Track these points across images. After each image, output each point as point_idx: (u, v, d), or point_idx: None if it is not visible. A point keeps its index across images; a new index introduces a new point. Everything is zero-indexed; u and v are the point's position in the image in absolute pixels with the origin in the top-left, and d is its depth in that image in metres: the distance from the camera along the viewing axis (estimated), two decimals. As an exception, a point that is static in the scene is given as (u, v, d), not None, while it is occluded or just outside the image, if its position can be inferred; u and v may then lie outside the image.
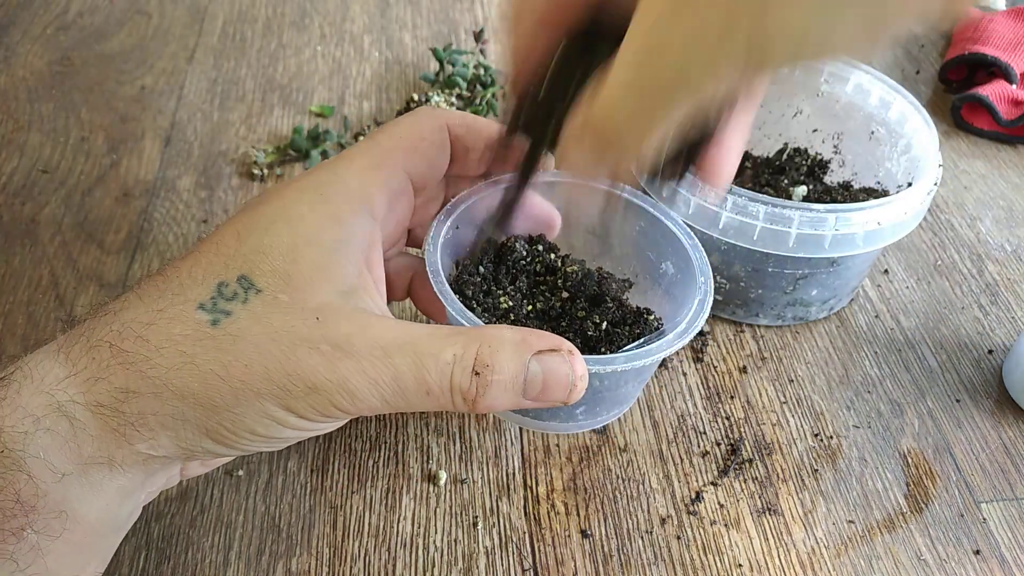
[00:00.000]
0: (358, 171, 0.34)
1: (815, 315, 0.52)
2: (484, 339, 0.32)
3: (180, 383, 0.29)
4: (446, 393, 0.31)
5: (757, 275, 0.49)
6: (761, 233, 0.46)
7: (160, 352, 0.30)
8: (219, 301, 0.30)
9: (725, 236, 0.46)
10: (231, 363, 0.29)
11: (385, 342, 0.30)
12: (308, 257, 0.31)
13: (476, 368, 0.31)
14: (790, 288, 0.50)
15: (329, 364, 0.30)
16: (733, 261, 0.49)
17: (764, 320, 0.52)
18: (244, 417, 0.30)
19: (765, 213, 0.45)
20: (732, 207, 0.45)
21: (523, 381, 0.32)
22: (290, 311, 0.30)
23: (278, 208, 0.33)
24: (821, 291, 0.50)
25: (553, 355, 0.32)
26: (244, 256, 0.31)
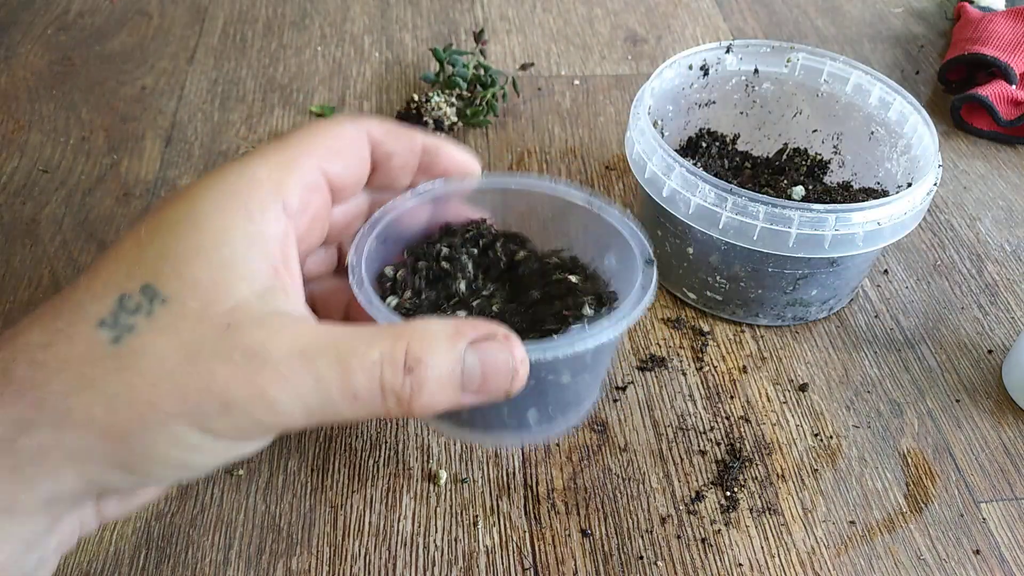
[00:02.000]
0: (269, 166, 0.31)
1: (815, 315, 0.52)
2: (413, 333, 0.29)
3: (81, 410, 0.26)
4: (376, 396, 0.28)
5: (757, 275, 0.49)
6: (761, 233, 0.46)
7: (58, 377, 0.27)
8: (121, 315, 0.27)
9: (725, 236, 0.46)
10: (136, 383, 0.27)
11: (304, 345, 0.28)
12: (216, 257, 0.28)
13: (408, 364, 0.28)
14: (790, 288, 0.50)
15: (244, 376, 0.27)
16: (733, 261, 0.49)
17: (764, 320, 0.52)
18: (156, 443, 0.27)
19: (765, 213, 0.45)
20: (732, 207, 0.45)
21: (460, 373, 0.29)
22: (200, 320, 0.27)
23: (182, 208, 0.29)
24: (821, 291, 0.50)
25: (489, 342, 0.30)
26: (147, 263, 0.28)
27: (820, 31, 0.78)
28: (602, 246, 0.41)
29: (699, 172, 0.46)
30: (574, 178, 0.61)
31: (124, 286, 0.28)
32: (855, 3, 0.82)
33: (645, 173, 0.49)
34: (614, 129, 0.66)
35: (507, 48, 0.74)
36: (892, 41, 0.77)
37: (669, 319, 0.52)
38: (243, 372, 0.27)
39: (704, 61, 0.56)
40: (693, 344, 0.51)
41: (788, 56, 0.57)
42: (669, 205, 0.48)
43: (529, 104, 0.68)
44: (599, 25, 0.77)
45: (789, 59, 0.57)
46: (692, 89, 0.57)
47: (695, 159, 0.58)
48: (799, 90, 0.58)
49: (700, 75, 0.57)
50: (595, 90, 0.70)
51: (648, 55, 0.74)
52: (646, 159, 0.49)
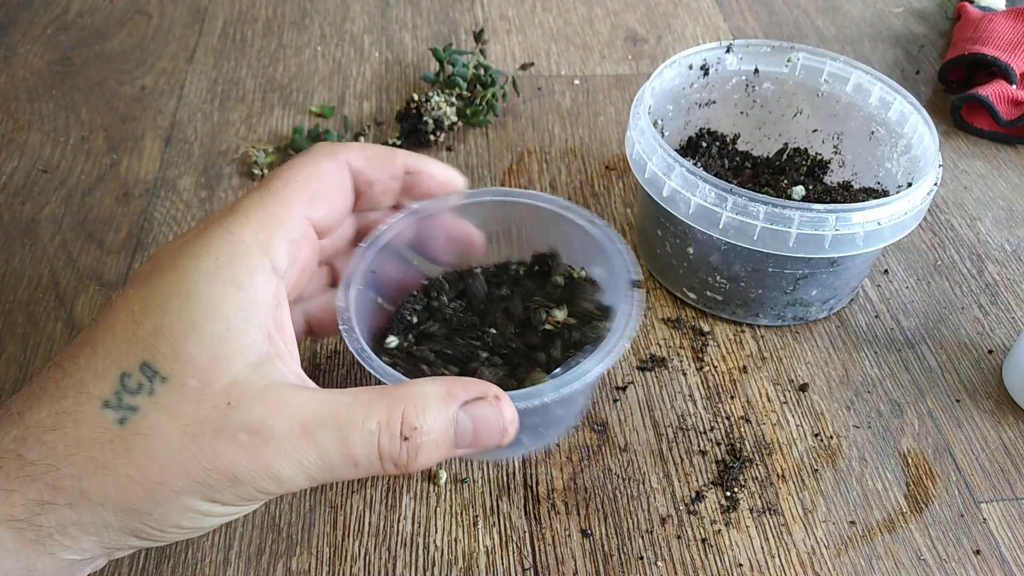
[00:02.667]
0: (254, 227, 0.31)
1: (815, 315, 0.52)
2: (407, 399, 0.30)
3: (95, 491, 0.28)
4: (375, 463, 0.30)
5: (757, 275, 0.49)
6: (761, 233, 0.46)
7: (69, 460, 0.28)
8: (124, 395, 0.28)
9: (725, 236, 0.46)
10: (146, 464, 0.28)
11: (304, 419, 0.29)
12: (211, 333, 0.29)
13: (404, 433, 0.30)
14: (790, 288, 0.50)
15: (248, 453, 0.28)
16: (733, 261, 0.49)
17: (764, 320, 0.52)
18: (168, 515, 0.29)
19: (765, 213, 0.45)
20: (732, 207, 0.45)
21: (454, 434, 0.31)
22: (200, 398, 0.28)
23: (172, 282, 0.30)
24: (821, 291, 0.50)
25: (480, 403, 0.31)
26: (143, 340, 0.29)
27: (820, 31, 0.78)
28: (589, 258, 0.42)
29: (699, 172, 0.46)
30: (574, 178, 0.61)
31: (123, 364, 0.29)
32: (855, 3, 0.82)
33: (645, 173, 0.49)
34: (614, 129, 0.66)
35: (507, 48, 0.74)
36: (892, 41, 0.77)
37: (669, 319, 0.52)
38: (247, 450, 0.28)
39: (704, 61, 0.56)
40: (693, 344, 0.51)
41: (788, 56, 0.56)
42: (669, 205, 0.48)
43: (529, 104, 0.68)
44: (599, 25, 0.77)
45: (789, 59, 0.57)
46: (692, 89, 0.57)
47: (695, 159, 0.58)
48: (799, 90, 0.58)
49: (700, 75, 0.57)
50: (595, 90, 0.70)
51: (648, 55, 0.74)
52: (646, 159, 0.49)
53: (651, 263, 0.55)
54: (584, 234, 0.41)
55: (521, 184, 0.61)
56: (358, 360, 0.35)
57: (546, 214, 0.42)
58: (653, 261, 0.54)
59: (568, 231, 0.42)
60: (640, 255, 0.56)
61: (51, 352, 0.49)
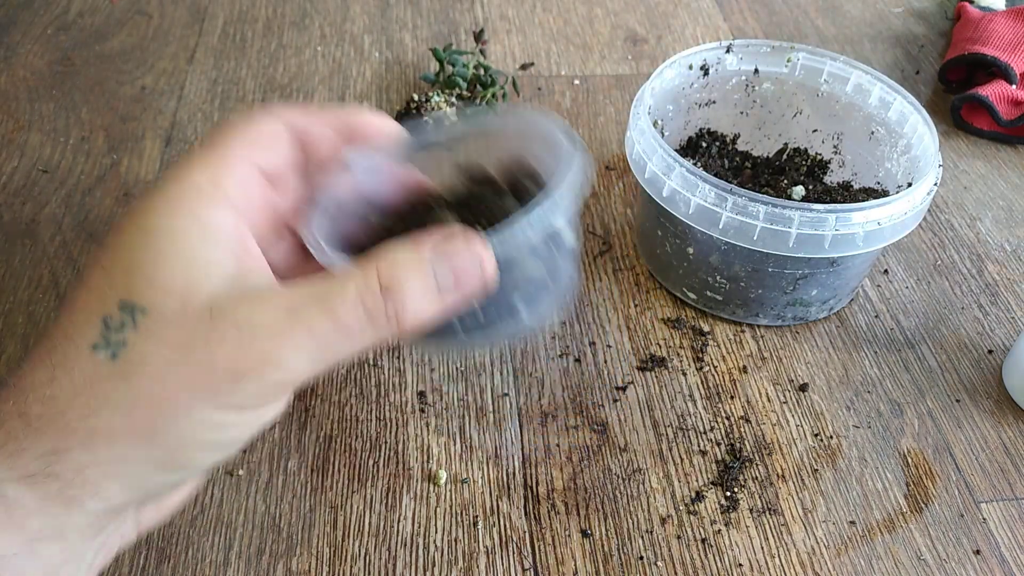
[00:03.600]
0: (200, 168, 0.33)
1: (815, 315, 0.52)
2: (378, 261, 0.31)
3: (104, 425, 0.28)
4: (366, 324, 0.30)
5: (757, 275, 0.49)
6: (761, 233, 0.46)
7: (72, 404, 0.28)
8: (109, 335, 0.29)
9: (725, 236, 0.46)
10: (146, 387, 0.28)
11: (288, 304, 0.30)
12: (179, 260, 0.30)
13: (383, 285, 0.30)
14: (790, 288, 0.50)
15: (242, 346, 0.29)
16: (733, 261, 0.49)
17: (764, 320, 0.52)
18: (184, 432, 0.29)
19: (765, 213, 0.45)
20: (732, 207, 0.45)
21: (433, 278, 0.31)
22: (183, 316, 0.29)
23: (134, 228, 0.31)
24: (821, 291, 0.50)
25: (448, 241, 0.31)
26: (116, 283, 0.30)
27: (820, 31, 0.78)
28: (531, 147, 0.41)
29: (699, 172, 0.46)
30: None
31: (103, 309, 0.30)
32: (855, 3, 0.82)
33: (645, 173, 0.49)
34: (614, 129, 0.66)
35: (507, 48, 0.74)
36: (892, 41, 0.77)
37: (669, 319, 0.52)
38: (241, 344, 0.29)
39: (704, 61, 0.56)
40: (693, 344, 0.51)
41: (788, 56, 0.56)
42: (669, 205, 0.48)
43: (529, 104, 0.68)
44: (599, 25, 0.77)
45: (789, 59, 0.57)
46: (692, 89, 0.57)
47: (695, 159, 0.58)
48: (799, 90, 0.58)
49: (700, 75, 0.57)
50: (595, 90, 0.70)
51: (648, 55, 0.74)
52: (646, 159, 0.49)
53: (651, 263, 0.55)
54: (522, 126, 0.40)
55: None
56: (315, 255, 0.34)
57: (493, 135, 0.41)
58: (653, 261, 0.54)
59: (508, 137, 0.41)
60: (640, 255, 0.56)
61: (51, 352, 0.49)
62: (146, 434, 0.29)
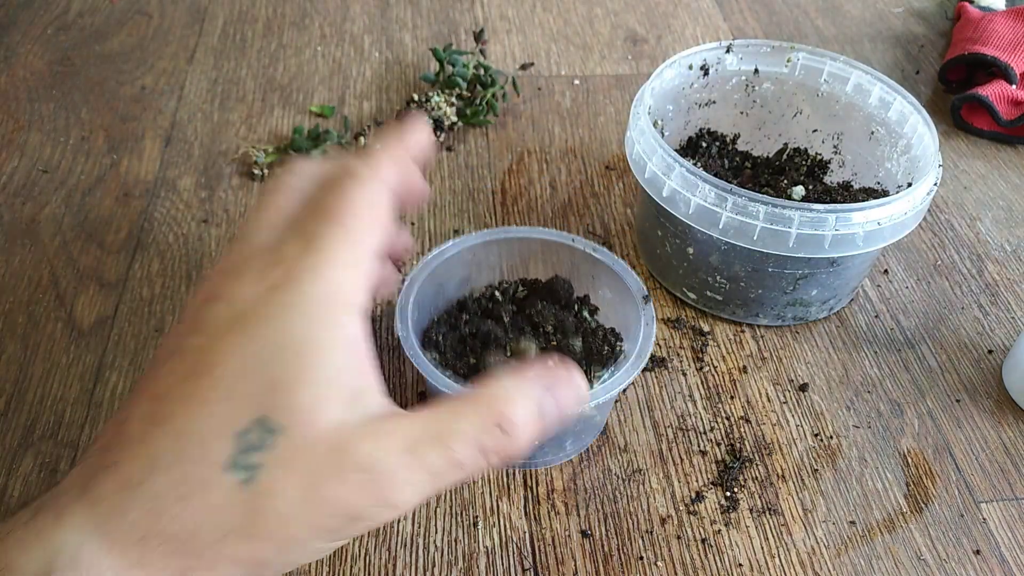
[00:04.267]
0: (339, 267, 0.33)
1: (815, 315, 0.52)
2: (491, 396, 0.32)
3: (229, 552, 0.29)
4: (479, 459, 0.31)
5: (757, 275, 0.49)
6: (761, 233, 0.46)
7: (203, 529, 0.29)
8: (244, 455, 0.29)
9: (725, 236, 0.46)
10: (274, 523, 0.29)
11: (406, 442, 0.30)
12: (320, 378, 0.30)
13: (498, 423, 0.31)
14: (790, 288, 0.50)
15: (365, 491, 0.29)
16: (733, 261, 0.49)
17: (764, 320, 0.52)
18: (293, 560, 0.30)
19: (765, 213, 0.45)
20: (732, 207, 0.45)
21: (539, 408, 0.32)
22: (312, 447, 0.30)
23: (278, 331, 0.31)
24: (821, 291, 0.50)
25: (553, 373, 0.33)
26: (257, 394, 0.30)
27: (820, 31, 0.78)
28: (597, 280, 0.47)
29: (699, 172, 0.46)
30: (574, 178, 0.61)
31: (239, 421, 0.30)
32: (855, 3, 0.82)
33: (645, 173, 0.49)
34: (614, 129, 0.66)
35: (507, 48, 0.74)
36: (892, 41, 0.77)
37: (669, 319, 0.52)
38: (363, 488, 0.30)
39: (704, 61, 0.56)
40: (693, 344, 0.51)
41: (788, 56, 0.56)
42: (669, 205, 0.48)
43: (529, 104, 0.68)
44: (599, 25, 0.77)
45: (789, 59, 0.57)
46: (692, 89, 0.57)
47: (695, 159, 0.58)
48: (799, 90, 0.58)
49: (700, 75, 0.57)
50: (595, 90, 0.70)
51: (648, 55, 0.74)
52: (646, 159, 0.49)
53: (651, 263, 0.55)
54: (590, 259, 0.47)
55: (520, 184, 0.61)
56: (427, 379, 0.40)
57: (554, 246, 0.47)
58: (653, 261, 0.54)
59: (575, 259, 0.47)
60: (640, 255, 0.56)
61: (51, 352, 0.49)
62: (262, 563, 0.30)
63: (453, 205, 0.59)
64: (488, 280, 0.49)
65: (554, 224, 0.58)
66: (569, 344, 0.45)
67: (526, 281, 0.49)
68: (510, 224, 0.58)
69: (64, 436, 0.45)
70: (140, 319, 0.51)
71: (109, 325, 0.50)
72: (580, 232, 0.57)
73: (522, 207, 0.59)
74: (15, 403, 0.46)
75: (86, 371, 0.48)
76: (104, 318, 0.51)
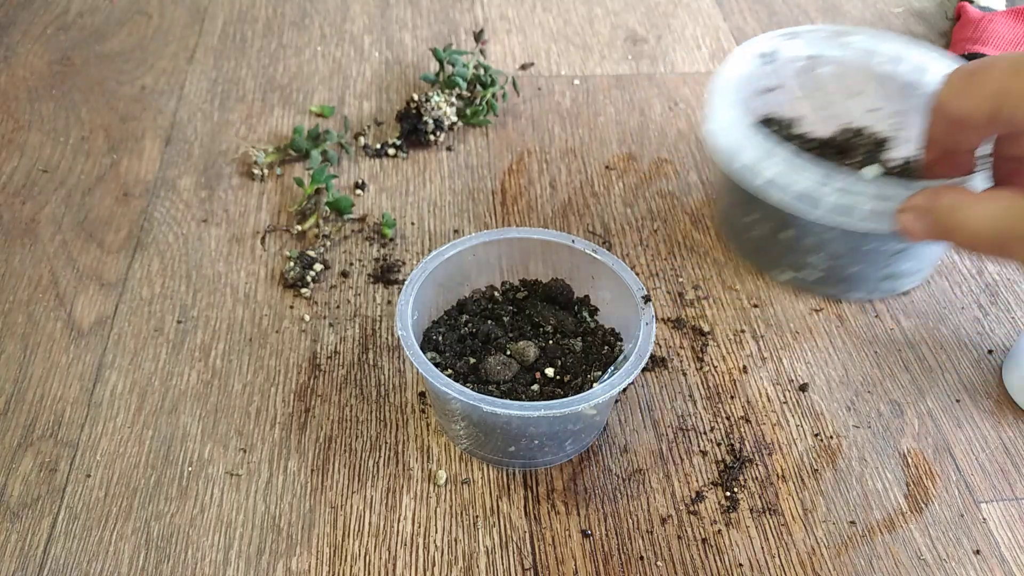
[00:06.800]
0: None
1: (904, 286, 0.54)
2: None
3: None
4: None
5: (854, 254, 0.51)
6: (864, 213, 0.47)
7: None
8: None
9: (827, 219, 0.48)
10: None
11: None
12: None
13: None
14: (886, 264, 0.51)
15: None
16: (830, 241, 0.50)
17: (858, 295, 0.53)
18: None
19: (869, 194, 0.46)
20: (835, 190, 0.47)
21: None
22: None
23: None
24: (914, 264, 0.52)
25: None
26: None
27: (820, 31, 0.78)
28: (597, 280, 0.48)
29: (802, 154, 0.47)
30: (574, 178, 0.61)
31: None
32: (855, 3, 0.82)
33: (735, 163, 0.50)
34: (614, 129, 0.66)
35: (507, 48, 0.74)
36: (892, 41, 0.77)
37: (669, 319, 0.52)
38: None
39: (769, 48, 0.57)
40: (693, 344, 0.51)
41: (847, 39, 0.58)
42: (767, 190, 0.49)
43: (529, 104, 0.68)
44: (599, 25, 0.77)
45: (848, 41, 0.58)
46: (757, 77, 0.58)
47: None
48: (858, 71, 0.59)
49: (765, 62, 0.58)
50: (595, 90, 0.70)
51: (648, 55, 0.74)
52: (738, 148, 0.50)
53: (739, 247, 0.56)
54: (590, 259, 0.47)
55: (520, 184, 0.61)
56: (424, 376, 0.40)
57: (554, 246, 0.47)
58: (741, 245, 0.56)
59: (575, 259, 0.47)
60: (725, 240, 0.57)
61: (51, 352, 0.49)
62: None
63: (453, 205, 0.59)
64: (488, 280, 0.49)
65: (554, 224, 0.58)
66: (569, 344, 0.45)
67: (526, 282, 0.49)
68: (510, 224, 0.58)
69: (64, 436, 0.45)
70: (140, 319, 0.51)
71: (109, 325, 0.50)
72: (580, 232, 0.57)
73: (522, 207, 0.59)
74: (15, 403, 0.46)
75: (86, 371, 0.48)
76: (104, 318, 0.51)
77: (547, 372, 0.44)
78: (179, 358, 0.49)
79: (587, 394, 0.39)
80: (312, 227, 0.56)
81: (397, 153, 0.62)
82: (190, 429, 0.46)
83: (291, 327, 0.51)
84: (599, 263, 0.46)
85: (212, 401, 0.47)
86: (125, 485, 0.43)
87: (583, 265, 0.47)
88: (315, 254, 0.54)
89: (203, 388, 0.48)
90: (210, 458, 0.44)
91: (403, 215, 0.58)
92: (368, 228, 0.57)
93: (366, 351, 0.50)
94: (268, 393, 0.47)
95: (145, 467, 0.44)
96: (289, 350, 0.50)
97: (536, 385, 0.44)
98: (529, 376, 0.44)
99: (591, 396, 0.39)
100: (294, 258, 0.53)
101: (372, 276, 0.54)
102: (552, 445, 0.43)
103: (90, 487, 0.43)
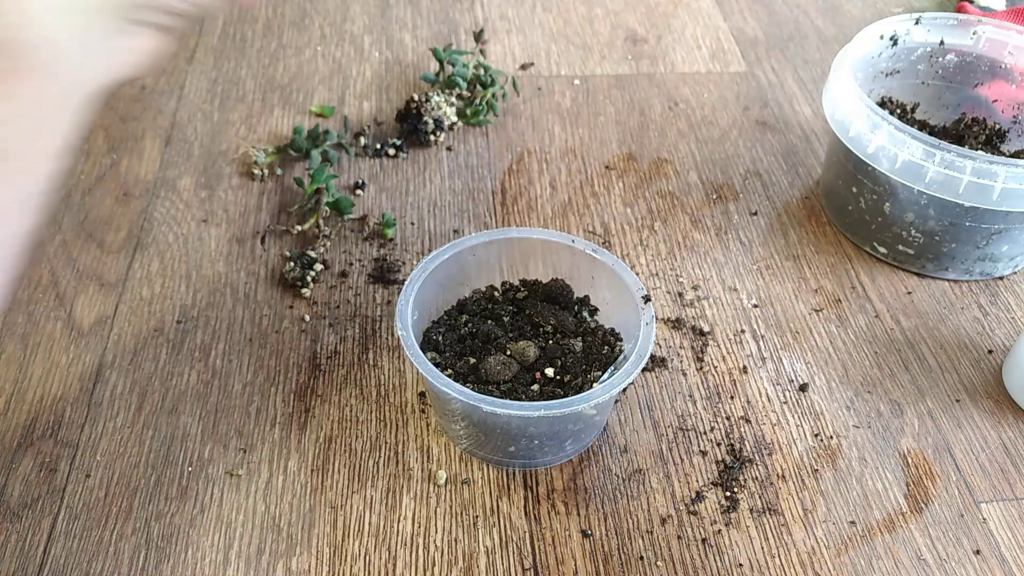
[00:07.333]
0: None
1: (1001, 271, 0.54)
2: None
3: None
4: None
5: (953, 229, 0.51)
6: (967, 187, 0.48)
7: None
8: None
9: (929, 190, 0.49)
10: None
11: None
12: None
13: None
14: (983, 243, 0.52)
15: None
16: (931, 215, 0.51)
17: (952, 275, 0.54)
18: None
19: (972, 168, 0.47)
20: (940, 161, 0.48)
21: None
22: None
23: None
24: (1011, 247, 0.53)
25: None
26: None
27: (820, 31, 0.78)
28: (597, 280, 0.48)
29: (907, 128, 0.48)
30: (574, 178, 0.61)
31: None
32: (855, 3, 0.82)
33: (850, 132, 0.51)
34: (614, 129, 0.66)
35: (507, 48, 0.74)
36: (892, 41, 0.77)
37: (669, 319, 0.52)
38: None
39: (895, 32, 0.58)
40: (693, 344, 0.51)
41: (974, 29, 0.58)
42: (873, 161, 0.50)
43: (529, 104, 0.68)
44: (599, 25, 0.77)
45: (975, 31, 0.58)
46: (880, 58, 0.59)
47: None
48: (981, 62, 0.59)
49: (889, 45, 0.58)
50: (595, 90, 0.70)
51: (648, 55, 0.74)
52: (851, 118, 0.51)
53: (840, 220, 0.58)
54: (590, 259, 0.47)
55: (520, 184, 0.61)
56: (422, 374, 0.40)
57: (554, 246, 0.48)
58: (842, 218, 0.57)
59: (575, 259, 0.48)
60: (827, 212, 0.59)
61: (51, 352, 0.49)
62: None
63: (453, 205, 0.59)
64: (488, 280, 0.49)
65: (554, 224, 0.58)
66: (569, 344, 0.45)
67: (526, 282, 0.49)
68: (510, 224, 0.58)
69: (64, 436, 0.45)
70: (140, 319, 0.51)
71: (109, 325, 0.50)
72: (580, 232, 0.57)
73: (522, 207, 0.59)
74: (15, 403, 0.46)
75: (86, 371, 0.48)
76: (104, 318, 0.51)
77: (547, 372, 0.44)
78: (179, 358, 0.49)
79: (587, 394, 0.39)
80: (312, 227, 0.56)
81: (397, 153, 0.62)
82: (190, 429, 0.46)
83: (291, 327, 0.51)
84: (599, 263, 0.46)
85: (212, 401, 0.47)
86: (125, 485, 0.43)
87: (583, 265, 0.47)
88: (315, 254, 0.54)
89: (203, 388, 0.48)
90: (210, 458, 0.44)
91: (403, 215, 0.58)
92: (368, 228, 0.57)
93: (366, 351, 0.50)
94: (268, 393, 0.47)
95: (145, 467, 0.44)
96: (289, 350, 0.50)
97: (536, 385, 0.44)
98: (529, 376, 0.44)
99: (591, 396, 0.39)
100: (294, 258, 0.53)
101: (372, 276, 0.54)
102: (552, 445, 0.43)
103: (90, 487, 0.43)
